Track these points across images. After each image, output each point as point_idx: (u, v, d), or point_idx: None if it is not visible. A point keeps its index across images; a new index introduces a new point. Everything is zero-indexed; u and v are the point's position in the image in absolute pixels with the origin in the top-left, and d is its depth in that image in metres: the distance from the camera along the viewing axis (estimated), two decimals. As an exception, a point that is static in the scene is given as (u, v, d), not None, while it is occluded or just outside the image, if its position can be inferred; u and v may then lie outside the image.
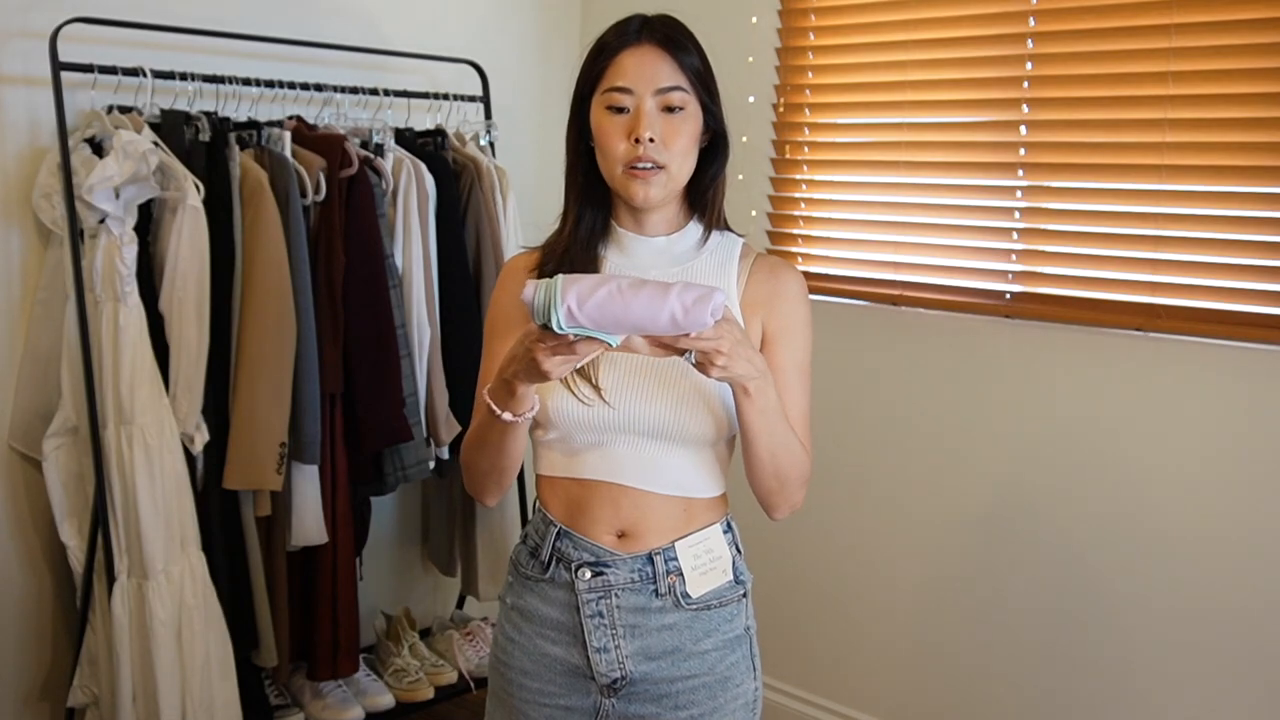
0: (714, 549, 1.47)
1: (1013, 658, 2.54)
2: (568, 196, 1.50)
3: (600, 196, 1.47)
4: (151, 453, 2.15)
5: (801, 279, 1.51)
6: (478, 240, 2.71)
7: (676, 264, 1.47)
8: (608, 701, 1.46)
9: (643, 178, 1.39)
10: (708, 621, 1.46)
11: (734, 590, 1.49)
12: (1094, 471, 2.38)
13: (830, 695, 2.88)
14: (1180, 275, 2.25)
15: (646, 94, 1.39)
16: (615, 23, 1.45)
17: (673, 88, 1.40)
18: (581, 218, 1.47)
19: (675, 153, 1.40)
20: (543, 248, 1.51)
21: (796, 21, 2.81)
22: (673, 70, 1.41)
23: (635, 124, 1.38)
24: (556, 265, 1.43)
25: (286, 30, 2.58)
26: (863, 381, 2.73)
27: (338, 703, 2.55)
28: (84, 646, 2.30)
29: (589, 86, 1.43)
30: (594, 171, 1.45)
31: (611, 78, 1.40)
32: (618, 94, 1.39)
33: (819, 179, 2.82)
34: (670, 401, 1.40)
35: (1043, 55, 2.41)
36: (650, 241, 1.47)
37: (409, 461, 2.52)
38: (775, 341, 1.46)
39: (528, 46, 3.19)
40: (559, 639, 1.47)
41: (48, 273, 2.29)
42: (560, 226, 1.49)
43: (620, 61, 1.40)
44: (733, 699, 1.48)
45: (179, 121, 2.26)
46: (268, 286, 2.26)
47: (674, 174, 1.41)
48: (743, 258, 1.50)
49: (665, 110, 1.40)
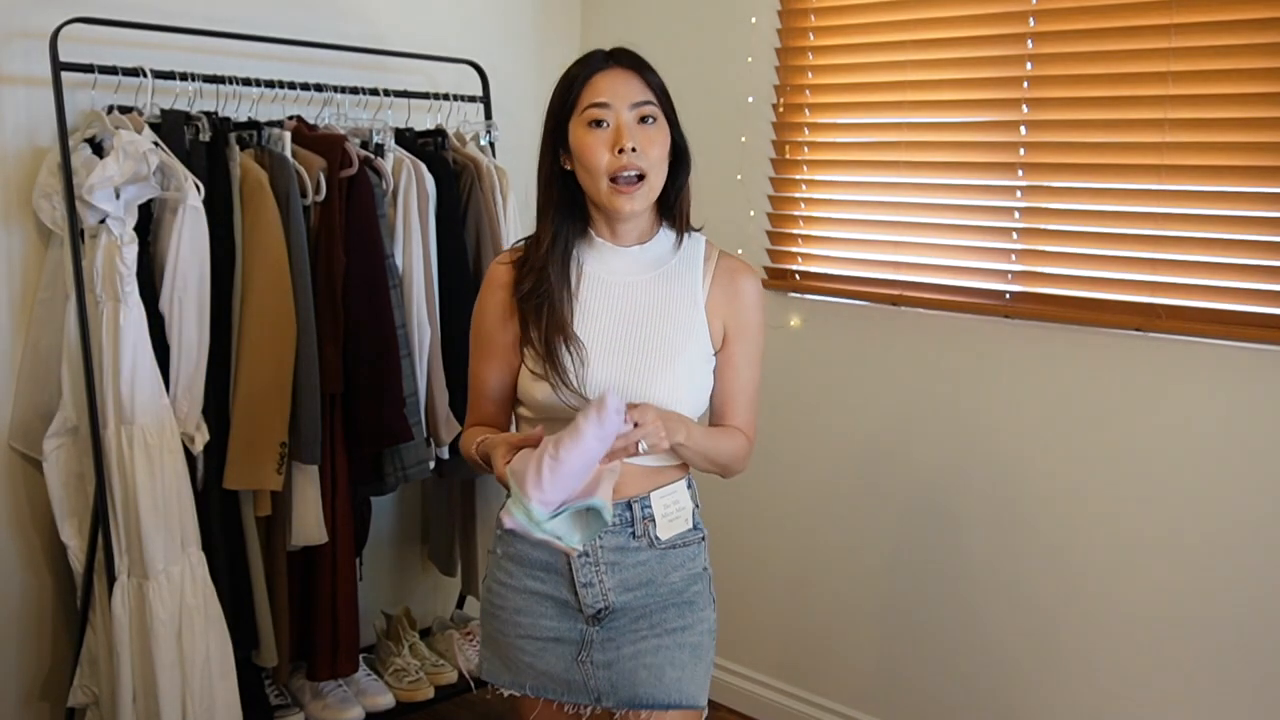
0: (680, 501, 1.69)
1: (1013, 657, 2.54)
2: (542, 216, 1.65)
3: (576, 212, 1.65)
4: (151, 453, 2.15)
5: (756, 281, 1.74)
6: (478, 240, 2.71)
7: (650, 270, 1.67)
8: (592, 629, 1.68)
9: (627, 192, 1.57)
10: (674, 558, 1.69)
11: (694, 534, 1.72)
12: (1093, 471, 2.38)
13: (815, 689, 2.88)
14: (1180, 275, 2.25)
15: (623, 108, 1.57)
16: (579, 58, 1.62)
17: (645, 101, 1.58)
18: (558, 234, 1.64)
19: (654, 160, 1.58)
20: (516, 263, 1.67)
21: (796, 21, 2.81)
22: (642, 87, 1.59)
23: (617, 136, 1.56)
24: (536, 279, 1.62)
25: (286, 30, 2.58)
26: (863, 381, 2.74)
27: (338, 703, 2.55)
28: (84, 646, 2.30)
29: (566, 111, 1.60)
30: (569, 190, 1.63)
31: (589, 96, 1.57)
32: (597, 109, 1.56)
33: (819, 179, 2.82)
34: (648, 397, 1.59)
35: (1043, 55, 2.41)
36: (625, 251, 1.67)
37: (409, 461, 2.52)
38: (734, 339, 1.70)
39: (528, 46, 3.19)
40: (548, 579, 1.68)
41: (48, 273, 2.29)
42: (536, 244, 1.65)
43: (595, 83, 1.58)
44: (698, 620, 1.71)
45: (179, 121, 2.26)
46: (268, 286, 2.26)
47: (653, 183, 1.60)
48: (706, 260, 1.70)
49: (640, 121, 1.58)
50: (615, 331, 1.63)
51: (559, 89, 1.61)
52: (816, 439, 2.83)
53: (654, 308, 1.65)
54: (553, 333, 1.61)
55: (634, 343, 1.63)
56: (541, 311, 1.62)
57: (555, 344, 1.60)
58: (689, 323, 1.66)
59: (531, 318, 1.63)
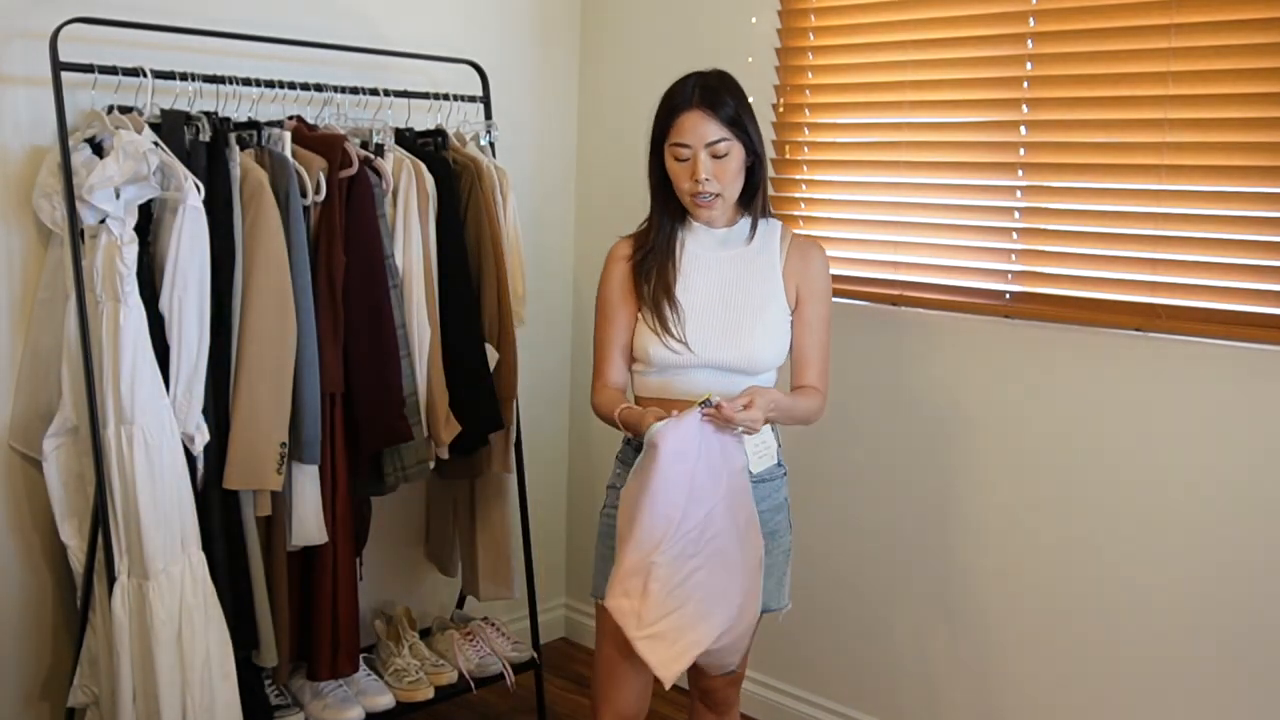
0: (767, 440, 2.06)
1: (1012, 657, 2.54)
2: (653, 207, 2.10)
3: (675, 206, 2.07)
4: (151, 453, 2.15)
5: (824, 255, 2.14)
6: (478, 240, 2.71)
7: (737, 247, 2.09)
8: None
9: (704, 206, 2.02)
10: (762, 490, 2.05)
11: (779, 470, 2.11)
12: (1094, 471, 2.38)
13: (831, 695, 2.88)
14: (1180, 275, 2.25)
15: (699, 147, 1.97)
16: (676, 81, 2.02)
17: (718, 140, 1.97)
18: (663, 223, 2.08)
19: (725, 183, 2.00)
20: (635, 237, 2.13)
21: (796, 21, 2.81)
22: (717, 127, 1.96)
23: (694, 168, 1.98)
24: (648, 252, 2.08)
25: (286, 30, 2.58)
26: (862, 381, 2.74)
27: (338, 703, 2.55)
28: (84, 646, 2.30)
29: (661, 134, 2.02)
30: (670, 188, 2.05)
31: (675, 135, 1.99)
32: (680, 148, 1.99)
33: (819, 179, 2.82)
34: (738, 347, 2.02)
35: (1043, 55, 2.41)
36: (715, 233, 2.09)
37: (409, 461, 2.52)
38: (805, 301, 2.09)
39: (528, 46, 3.19)
40: None
41: (48, 273, 2.29)
42: (648, 229, 2.11)
43: (680, 123, 1.98)
44: (778, 546, 2.11)
45: (179, 121, 2.26)
46: (268, 286, 2.26)
47: (726, 197, 2.03)
48: (782, 239, 2.11)
49: (714, 157, 1.97)
50: (710, 295, 2.05)
51: (658, 114, 2.02)
52: (815, 439, 2.83)
53: (740, 276, 2.06)
54: (659, 294, 2.04)
55: (724, 304, 2.04)
56: (651, 276, 2.05)
57: (661, 303, 2.03)
58: (769, 287, 2.06)
59: (644, 282, 2.06)
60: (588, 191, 3.37)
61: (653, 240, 2.08)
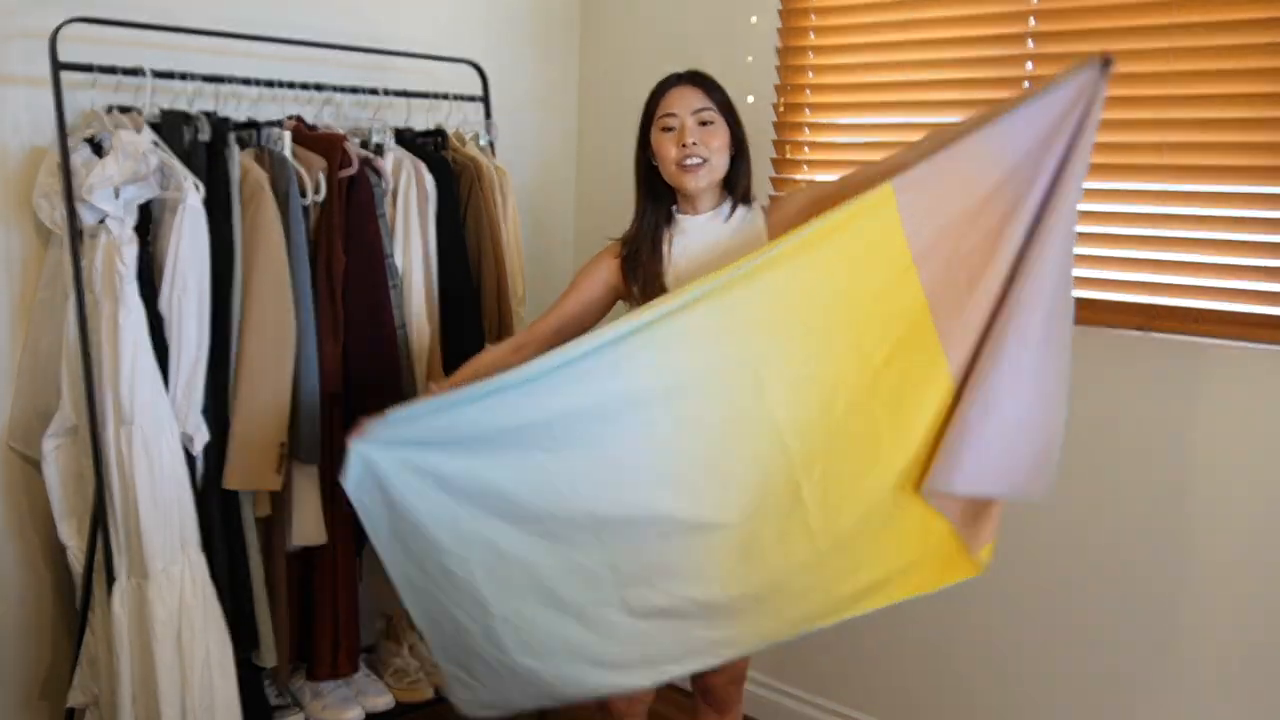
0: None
1: (1011, 657, 2.54)
2: (637, 200, 2.12)
3: (661, 195, 2.09)
4: (151, 453, 2.14)
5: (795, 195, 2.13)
6: (478, 240, 2.71)
7: (719, 228, 2.08)
8: None
9: (691, 172, 2.01)
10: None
11: None
12: (1094, 471, 2.38)
13: (832, 695, 2.88)
14: (1180, 275, 2.25)
15: (686, 114, 2.01)
16: (661, 80, 2.07)
17: (703, 108, 2.01)
18: (646, 213, 2.10)
19: (713, 149, 2.01)
20: (623, 238, 2.13)
21: (796, 21, 2.81)
22: (702, 97, 2.02)
23: (682, 134, 2.00)
24: (635, 243, 2.09)
25: (286, 30, 2.58)
26: (863, 381, 2.73)
27: (338, 703, 2.55)
28: (84, 646, 2.30)
29: (647, 121, 2.05)
30: (655, 179, 2.08)
31: (663, 109, 2.03)
32: (668, 118, 2.02)
33: (819, 179, 2.82)
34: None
35: (1043, 55, 2.41)
36: (699, 218, 2.08)
37: (409, 461, 2.52)
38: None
39: (528, 46, 3.19)
40: None
41: (48, 273, 2.29)
42: (635, 222, 2.12)
43: (667, 97, 2.03)
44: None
45: (179, 121, 2.26)
46: (268, 286, 2.26)
47: (713, 165, 2.02)
48: (760, 213, 2.10)
49: (700, 124, 2.00)
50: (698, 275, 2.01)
51: (645, 106, 2.06)
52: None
53: (728, 250, 2.04)
54: (648, 281, 2.06)
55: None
56: (639, 270, 2.08)
57: (651, 290, 2.04)
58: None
59: (632, 271, 2.08)
60: (588, 191, 3.37)
61: (636, 234, 2.10)
